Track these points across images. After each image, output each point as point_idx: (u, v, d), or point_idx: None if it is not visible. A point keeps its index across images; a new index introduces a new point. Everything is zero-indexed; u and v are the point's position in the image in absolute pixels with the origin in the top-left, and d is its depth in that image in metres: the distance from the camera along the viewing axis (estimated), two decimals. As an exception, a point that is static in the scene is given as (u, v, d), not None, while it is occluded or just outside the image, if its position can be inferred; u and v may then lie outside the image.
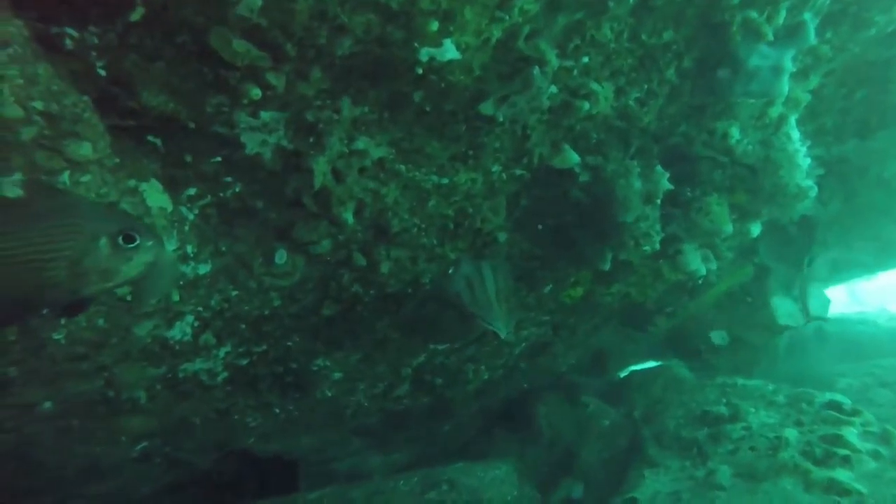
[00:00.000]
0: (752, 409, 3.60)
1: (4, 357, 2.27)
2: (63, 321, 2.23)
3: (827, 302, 5.13)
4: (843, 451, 2.69)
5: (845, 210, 4.55)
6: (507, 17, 1.89)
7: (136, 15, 1.65)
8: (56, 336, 2.28)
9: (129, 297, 2.34)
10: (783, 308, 5.68)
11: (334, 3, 1.69)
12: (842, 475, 2.49)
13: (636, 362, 6.65)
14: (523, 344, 4.55)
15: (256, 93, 1.87)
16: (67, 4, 1.65)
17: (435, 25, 1.76)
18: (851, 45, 3.05)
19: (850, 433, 2.98)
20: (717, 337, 5.39)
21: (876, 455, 2.66)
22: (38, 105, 1.62)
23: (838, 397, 3.56)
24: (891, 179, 4.23)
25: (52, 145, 1.73)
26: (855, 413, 3.24)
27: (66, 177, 1.82)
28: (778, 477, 2.63)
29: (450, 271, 2.77)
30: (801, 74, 3.05)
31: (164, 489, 4.78)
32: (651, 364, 7.08)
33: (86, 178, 1.89)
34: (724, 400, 4.12)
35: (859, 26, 2.95)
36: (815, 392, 3.69)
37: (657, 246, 2.84)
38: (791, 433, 3.08)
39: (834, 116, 4.01)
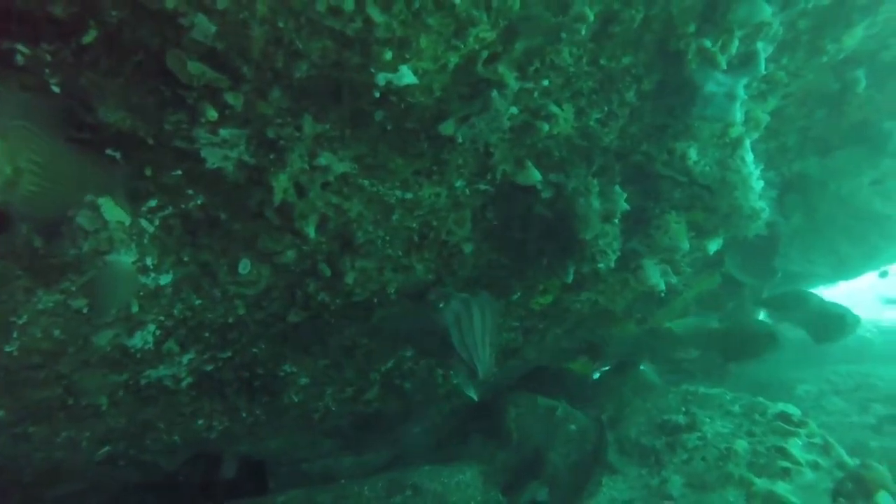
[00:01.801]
0: (709, 419, 3.72)
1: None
2: (15, 333, 2.22)
3: None
4: (784, 464, 2.81)
5: (806, 225, 4.70)
6: (463, 45, 1.93)
7: (89, 37, 1.65)
8: (8, 348, 2.27)
9: (85, 309, 2.34)
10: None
11: (290, 30, 1.71)
12: (781, 487, 2.61)
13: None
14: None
15: (213, 114, 1.88)
16: (18, 22, 1.64)
17: (389, 54, 1.79)
18: (806, 71, 3.15)
19: (795, 444, 3.10)
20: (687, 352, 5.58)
21: (815, 466, 2.78)
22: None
23: (789, 409, 3.70)
24: (847, 197, 4.37)
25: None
26: (801, 424, 3.37)
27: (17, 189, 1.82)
28: (724, 488, 2.74)
29: (440, 305, 2.87)
30: (759, 97, 3.15)
31: (131, 490, 4.76)
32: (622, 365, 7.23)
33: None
34: (684, 408, 4.24)
35: (813, 53, 3.05)
36: (769, 403, 3.82)
37: (612, 264, 2.92)
38: (741, 444, 3.20)
39: (795, 135, 4.13)
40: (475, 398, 2.76)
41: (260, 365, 3.73)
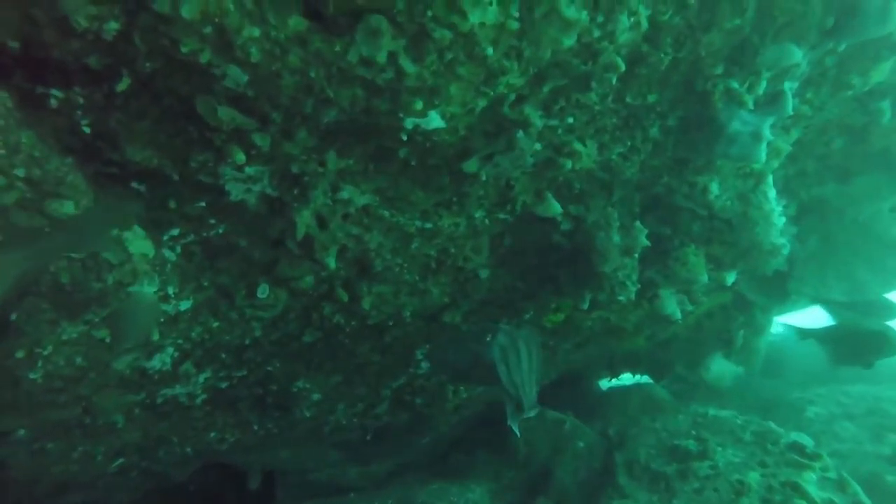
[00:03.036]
0: (720, 448, 3.71)
1: (-21, 392, 2.29)
2: (40, 362, 2.24)
3: None
4: (800, 502, 2.80)
5: (822, 248, 4.65)
6: (493, 92, 1.92)
7: (123, 85, 1.65)
8: (33, 375, 2.30)
9: (106, 338, 2.36)
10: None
11: (321, 79, 1.71)
12: (796, 529, 2.61)
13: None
14: (503, 367, 4.61)
15: (241, 157, 1.89)
16: (54, 70, 1.65)
17: (420, 104, 1.78)
18: (831, 105, 3.12)
19: (809, 479, 3.09)
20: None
21: (830, 504, 2.78)
22: (20, 172, 1.62)
23: (802, 438, 3.68)
24: (866, 222, 4.33)
25: (33, 206, 1.74)
26: (815, 457, 3.35)
27: (47, 234, 1.83)
28: (737, 525, 2.74)
29: (487, 338, 2.93)
30: (782, 130, 3.12)
31: (140, 499, 4.80)
32: (630, 377, 7.23)
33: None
34: (695, 432, 4.23)
35: (839, 88, 3.02)
36: (781, 432, 3.80)
37: (632, 296, 2.91)
38: (753, 477, 3.19)
39: (814, 161, 4.09)
40: (518, 433, 2.84)
41: (274, 382, 3.75)
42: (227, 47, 1.51)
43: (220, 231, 2.57)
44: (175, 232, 2.50)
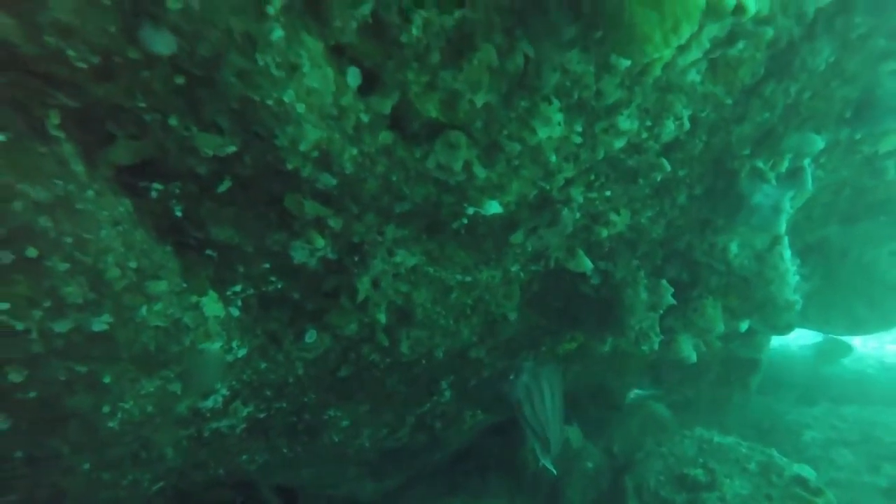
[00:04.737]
0: (727, 479, 3.94)
1: (61, 437, 2.46)
2: (119, 414, 2.43)
3: None
4: (805, 541, 3.04)
5: (825, 286, 4.90)
6: (549, 186, 2.12)
7: (223, 187, 1.83)
8: (111, 424, 2.48)
9: (178, 391, 2.54)
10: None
11: (400, 181, 1.90)
12: (803, 571, 2.83)
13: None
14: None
15: (320, 243, 2.07)
16: (164, 176, 1.82)
17: (486, 199, 1.98)
18: (842, 168, 3.34)
19: (813, 516, 3.34)
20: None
21: (834, 545, 3.01)
22: (133, 264, 1.80)
23: (804, 471, 3.92)
24: (867, 265, 4.57)
25: (136, 288, 1.92)
26: (818, 493, 3.60)
27: (143, 310, 2.02)
28: (747, 562, 2.97)
29: (511, 377, 3.12)
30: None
31: (169, 513, 4.99)
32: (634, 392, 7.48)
33: (158, 307, 2.08)
34: (702, 460, 4.47)
35: (849, 153, 3.23)
36: (784, 463, 4.05)
37: (656, 347, 3.12)
38: (761, 512, 3.43)
39: (821, 208, 4.32)
40: (555, 472, 3.04)
41: (308, 411, 3.95)
42: (328, 163, 1.69)
43: (279, 287, 2.75)
44: (237, 288, 2.68)
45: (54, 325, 1.82)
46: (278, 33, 1.22)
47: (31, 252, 1.53)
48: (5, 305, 1.67)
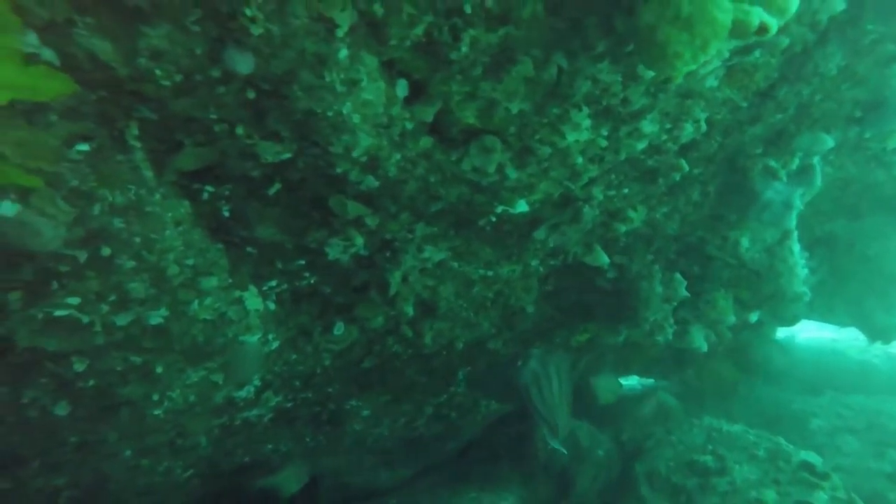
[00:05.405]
0: (737, 465, 4.08)
1: (111, 424, 2.62)
2: (166, 402, 2.57)
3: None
4: (812, 522, 3.18)
5: (831, 278, 5.02)
6: (573, 186, 2.25)
7: (273, 189, 1.96)
8: (157, 412, 2.63)
9: (220, 381, 2.69)
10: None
11: (436, 183, 2.03)
12: (811, 550, 2.98)
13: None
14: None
15: (360, 241, 2.20)
16: (216, 176, 1.96)
17: (516, 199, 2.10)
18: (849, 165, 3.45)
19: (820, 499, 3.48)
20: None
21: (841, 525, 3.15)
22: (190, 262, 1.94)
23: (811, 458, 4.06)
24: (874, 257, 4.69)
25: (191, 284, 2.06)
26: (825, 477, 3.74)
27: (195, 304, 2.16)
28: (756, 542, 3.11)
29: (519, 363, 3.23)
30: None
31: (195, 502, 5.17)
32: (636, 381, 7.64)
33: (208, 301, 2.22)
34: (711, 447, 4.61)
35: (857, 150, 3.35)
36: (791, 450, 4.19)
37: (670, 337, 3.25)
38: (769, 495, 3.57)
39: (829, 203, 4.44)
40: (566, 452, 3.16)
41: (332, 401, 4.10)
42: (374, 167, 1.82)
43: (312, 282, 2.89)
44: (273, 283, 2.82)
45: (116, 319, 1.95)
46: (344, 53, 1.35)
47: (105, 251, 1.67)
48: (76, 300, 1.81)
